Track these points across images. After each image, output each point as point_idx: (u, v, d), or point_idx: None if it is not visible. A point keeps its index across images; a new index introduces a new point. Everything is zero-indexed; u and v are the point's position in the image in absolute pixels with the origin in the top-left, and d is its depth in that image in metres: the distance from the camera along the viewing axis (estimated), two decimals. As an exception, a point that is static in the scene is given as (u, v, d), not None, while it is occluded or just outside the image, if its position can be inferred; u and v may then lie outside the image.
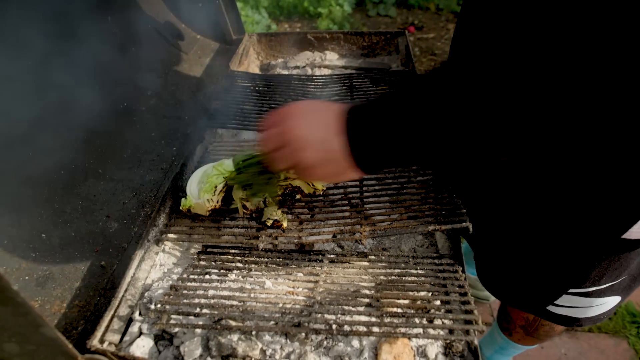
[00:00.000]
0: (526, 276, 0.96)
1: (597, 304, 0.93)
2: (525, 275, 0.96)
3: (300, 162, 0.69)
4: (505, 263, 1.01)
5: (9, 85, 1.07)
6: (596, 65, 0.47)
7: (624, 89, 0.47)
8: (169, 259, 0.98)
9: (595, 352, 1.95)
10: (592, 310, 0.94)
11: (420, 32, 4.28)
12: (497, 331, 1.48)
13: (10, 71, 1.08)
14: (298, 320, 0.74)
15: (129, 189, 1.14)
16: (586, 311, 0.94)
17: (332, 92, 1.48)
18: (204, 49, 1.78)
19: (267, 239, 0.95)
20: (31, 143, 1.07)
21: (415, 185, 1.07)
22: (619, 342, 1.98)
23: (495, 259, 1.04)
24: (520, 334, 1.33)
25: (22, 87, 1.10)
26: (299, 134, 0.68)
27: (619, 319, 2.04)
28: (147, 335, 0.79)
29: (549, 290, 0.94)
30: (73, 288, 0.90)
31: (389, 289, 0.84)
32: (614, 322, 2.03)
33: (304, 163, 0.69)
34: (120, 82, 1.39)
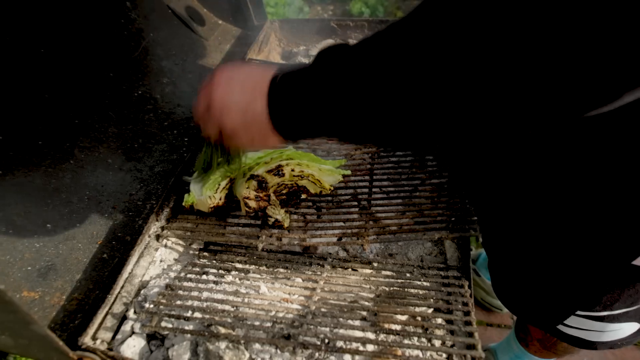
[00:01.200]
0: (537, 292, 0.91)
1: (612, 329, 0.87)
2: (536, 291, 0.91)
3: (223, 126, 0.67)
4: (518, 276, 0.95)
5: (18, 76, 1.07)
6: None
7: None
8: (171, 255, 0.97)
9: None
10: (607, 335, 0.88)
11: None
12: (513, 339, 1.42)
13: (19, 58, 1.08)
14: (288, 332, 0.72)
15: (137, 180, 1.13)
16: (600, 335, 0.88)
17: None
18: (224, 35, 1.75)
19: (268, 239, 0.92)
20: (41, 132, 1.07)
21: (427, 189, 1.02)
22: (648, 354, 1.88)
23: (509, 271, 0.99)
24: (537, 346, 1.27)
25: (31, 76, 1.10)
26: (221, 97, 0.65)
27: (650, 330, 1.93)
28: (139, 334, 0.79)
29: (558, 309, 0.88)
30: (74, 280, 0.91)
31: (389, 301, 0.80)
32: (644, 333, 1.92)
33: (227, 127, 0.67)
34: (136, 69, 1.38)
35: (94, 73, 1.25)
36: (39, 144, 1.05)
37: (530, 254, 0.86)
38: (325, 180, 1.02)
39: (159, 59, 1.47)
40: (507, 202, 0.87)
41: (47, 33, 1.16)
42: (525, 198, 0.80)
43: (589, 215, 0.70)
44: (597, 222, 0.69)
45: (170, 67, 1.47)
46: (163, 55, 1.49)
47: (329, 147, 1.18)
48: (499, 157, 0.83)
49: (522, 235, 0.87)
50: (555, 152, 0.69)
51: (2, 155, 0.98)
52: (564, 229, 0.75)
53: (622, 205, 0.64)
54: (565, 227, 0.75)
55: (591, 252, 0.74)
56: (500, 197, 0.89)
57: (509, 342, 1.50)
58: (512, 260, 0.94)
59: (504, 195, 0.87)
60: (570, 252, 0.77)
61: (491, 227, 0.96)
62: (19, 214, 0.95)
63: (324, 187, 1.02)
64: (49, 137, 1.08)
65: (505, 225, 0.92)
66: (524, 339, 1.33)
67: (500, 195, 0.88)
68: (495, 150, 0.83)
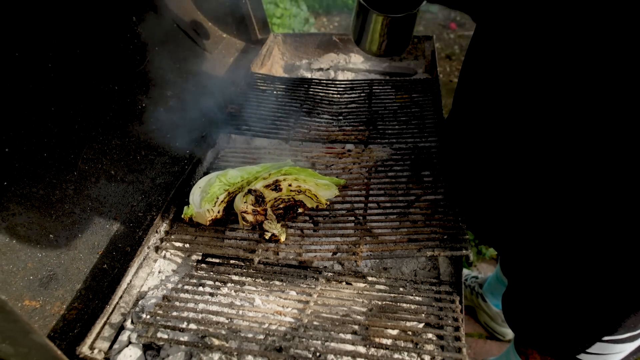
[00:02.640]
0: (560, 321, 0.92)
1: (628, 348, 0.88)
2: (559, 320, 0.92)
3: None
4: (537, 305, 0.96)
5: (25, 88, 1.10)
6: None
7: None
8: (169, 266, 0.99)
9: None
10: (622, 354, 0.90)
11: (462, 29, 4.15)
12: (513, 353, 1.43)
13: (26, 71, 1.11)
14: (280, 345, 0.74)
15: (138, 192, 1.16)
16: (616, 357, 0.90)
17: (350, 98, 1.45)
18: (228, 48, 1.79)
19: (264, 253, 0.94)
20: (46, 144, 1.10)
21: (423, 205, 1.03)
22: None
23: (528, 300, 1.00)
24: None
25: (37, 88, 1.13)
26: None
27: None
28: (136, 345, 0.81)
29: (582, 338, 0.89)
30: (74, 290, 0.93)
31: (380, 316, 0.81)
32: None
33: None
34: (141, 82, 1.41)
35: (99, 86, 1.28)
36: (43, 155, 1.08)
37: (553, 282, 0.88)
38: (322, 194, 1.04)
39: (164, 72, 1.50)
40: (527, 227, 0.89)
41: (54, 47, 1.20)
42: (546, 223, 0.82)
43: (615, 238, 0.72)
44: (624, 243, 0.71)
45: (174, 80, 1.51)
46: (167, 69, 1.52)
47: (327, 160, 1.21)
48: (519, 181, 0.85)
49: (544, 264, 0.88)
50: (581, 173, 0.71)
51: (8, 166, 1.01)
52: (590, 254, 0.77)
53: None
54: (591, 252, 0.77)
55: (618, 275, 0.75)
56: (519, 221, 0.91)
57: (508, 355, 1.50)
58: (532, 289, 0.95)
59: (523, 220, 0.89)
60: (595, 277, 0.79)
61: (511, 255, 0.98)
62: (23, 224, 0.97)
63: (320, 201, 1.04)
64: (54, 149, 1.11)
65: (526, 252, 0.93)
66: (524, 353, 1.33)
67: (519, 220, 0.90)
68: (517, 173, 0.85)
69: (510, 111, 0.80)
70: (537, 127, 0.75)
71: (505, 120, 0.82)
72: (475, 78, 0.91)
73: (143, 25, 1.49)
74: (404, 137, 1.26)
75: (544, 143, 0.75)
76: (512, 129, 0.82)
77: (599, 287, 0.80)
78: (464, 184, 1.04)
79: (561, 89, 0.65)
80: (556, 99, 0.68)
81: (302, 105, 1.41)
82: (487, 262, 2.27)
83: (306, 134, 1.29)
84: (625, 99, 0.58)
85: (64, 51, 1.21)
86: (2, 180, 0.98)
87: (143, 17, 1.50)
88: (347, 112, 1.39)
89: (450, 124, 1.18)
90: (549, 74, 0.66)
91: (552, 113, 0.70)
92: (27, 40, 1.12)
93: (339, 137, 1.27)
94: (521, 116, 0.77)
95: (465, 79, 0.97)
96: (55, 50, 1.18)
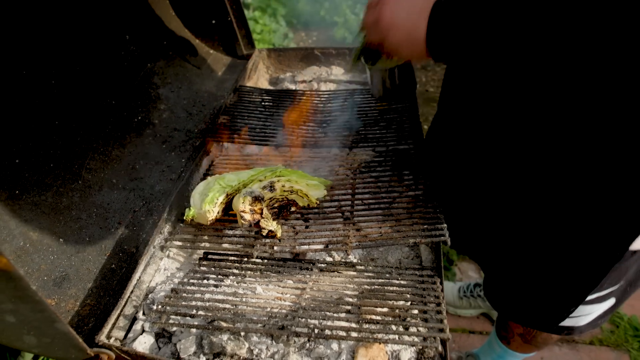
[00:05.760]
0: (541, 293, 1.02)
1: (597, 310, 0.99)
2: (539, 293, 1.02)
3: (386, 37, 0.81)
4: (518, 282, 1.07)
5: (31, 105, 1.18)
6: None
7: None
8: (173, 264, 1.07)
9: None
10: (591, 316, 1.01)
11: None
12: (495, 340, 1.53)
13: (32, 89, 1.19)
14: (282, 324, 0.82)
15: (139, 198, 1.24)
16: (586, 318, 1.01)
17: (334, 107, 1.56)
18: (216, 64, 1.88)
19: (262, 248, 1.03)
20: (52, 155, 1.18)
21: (404, 200, 1.14)
22: (620, 355, 1.99)
23: (508, 279, 1.10)
24: (518, 342, 1.38)
25: (43, 105, 1.21)
26: (389, 14, 0.79)
27: (621, 332, 2.05)
28: (149, 332, 0.88)
29: (566, 305, 1.00)
30: (86, 288, 1.00)
31: (370, 297, 0.91)
32: (615, 336, 2.04)
33: (388, 39, 0.81)
34: (136, 96, 1.50)
35: (97, 101, 1.36)
36: (50, 166, 1.15)
37: (532, 257, 0.99)
38: (312, 194, 1.13)
39: (156, 87, 1.59)
40: (506, 207, 1.00)
41: (57, 65, 1.27)
42: (527, 199, 0.93)
43: (593, 206, 0.82)
44: (600, 212, 0.82)
45: (167, 94, 1.59)
46: (160, 84, 1.61)
47: (314, 164, 1.31)
48: (498, 158, 0.97)
49: (525, 236, 0.99)
50: (561, 148, 0.81)
51: (19, 176, 1.08)
52: (568, 225, 0.88)
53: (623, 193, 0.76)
54: (569, 223, 0.87)
55: (593, 241, 0.86)
56: (496, 203, 1.01)
57: (490, 343, 1.61)
58: (513, 267, 1.06)
59: (501, 200, 1.00)
60: (572, 245, 0.89)
61: (484, 237, 1.08)
62: (35, 230, 1.04)
63: (311, 200, 1.13)
64: (59, 159, 1.18)
65: (503, 232, 1.04)
66: (505, 337, 1.44)
67: (497, 201, 1.01)
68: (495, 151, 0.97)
69: (493, 113, 0.91)
70: (517, 133, 0.87)
71: (487, 121, 0.94)
72: (460, 82, 1.03)
73: (136, 43, 1.58)
74: (385, 140, 1.37)
75: (521, 146, 0.87)
76: (493, 130, 0.93)
77: (573, 254, 0.91)
78: (444, 188, 1.15)
79: (549, 92, 0.76)
80: (540, 103, 0.79)
81: (288, 115, 1.51)
82: (467, 261, 2.39)
83: (294, 140, 1.39)
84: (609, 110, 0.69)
85: (66, 68, 1.29)
86: (15, 189, 1.04)
87: (135, 35, 1.59)
88: (331, 119, 1.50)
89: (435, 128, 1.31)
90: (535, 76, 0.76)
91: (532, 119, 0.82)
92: (32, 59, 1.20)
93: (325, 142, 1.38)
94: (502, 118, 0.89)
95: (449, 82, 1.09)
96: (57, 68, 1.26)
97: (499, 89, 0.86)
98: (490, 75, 0.87)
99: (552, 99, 0.75)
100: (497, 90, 0.87)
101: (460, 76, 1.03)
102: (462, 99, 1.05)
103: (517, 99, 0.83)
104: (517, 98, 0.83)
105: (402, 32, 0.77)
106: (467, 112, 1.03)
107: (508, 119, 0.88)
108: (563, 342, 2.02)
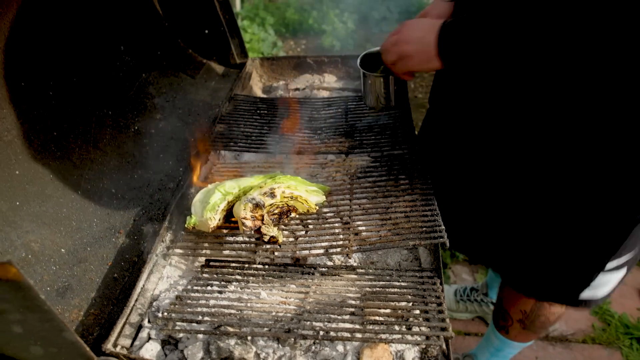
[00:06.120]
0: (563, 264, 1.09)
1: (613, 280, 1.06)
2: (561, 264, 1.09)
3: (402, 52, 1.02)
4: (538, 258, 1.13)
5: (33, 116, 1.18)
6: None
7: None
8: (175, 272, 1.07)
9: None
10: (608, 287, 1.07)
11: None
12: (493, 332, 1.55)
13: (32, 101, 1.19)
14: (288, 327, 0.84)
15: (139, 207, 1.24)
16: (604, 289, 1.08)
17: (329, 114, 1.58)
18: (209, 73, 1.90)
19: (264, 254, 1.04)
20: (50, 166, 1.18)
21: (401, 204, 1.16)
22: (613, 353, 2.03)
23: (526, 257, 1.16)
24: (517, 329, 1.42)
25: (43, 115, 1.21)
26: (405, 34, 1.02)
27: (612, 330, 2.09)
28: (155, 340, 0.89)
29: (588, 272, 1.07)
30: (89, 298, 1.00)
31: (373, 299, 0.93)
32: (607, 334, 2.08)
33: (405, 52, 1.02)
34: (132, 106, 1.51)
35: (94, 111, 1.37)
36: (50, 177, 1.16)
37: (551, 230, 1.06)
38: (312, 200, 1.15)
39: (152, 96, 1.60)
40: (518, 185, 1.08)
41: (54, 76, 1.28)
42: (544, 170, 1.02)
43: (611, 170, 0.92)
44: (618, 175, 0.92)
45: (162, 104, 1.60)
46: (155, 94, 1.62)
47: (312, 170, 1.33)
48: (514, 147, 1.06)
49: (542, 216, 1.07)
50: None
51: (19, 187, 1.08)
52: (587, 192, 0.97)
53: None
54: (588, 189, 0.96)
55: (612, 206, 0.95)
56: (505, 185, 1.10)
57: (487, 339, 1.63)
58: (529, 246, 1.12)
59: (512, 180, 1.08)
60: (592, 213, 0.98)
61: (492, 224, 1.14)
62: (36, 241, 1.04)
63: (310, 206, 1.15)
64: (57, 170, 1.19)
65: (515, 211, 1.11)
66: (504, 327, 1.47)
67: (506, 182, 1.09)
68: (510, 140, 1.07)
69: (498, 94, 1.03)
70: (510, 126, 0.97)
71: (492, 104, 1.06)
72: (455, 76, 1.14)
73: (130, 53, 1.59)
74: (380, 146, 1.40)
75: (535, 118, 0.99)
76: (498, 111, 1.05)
77: (593, 222, 0.99)
78: (442, 185, 1.20)
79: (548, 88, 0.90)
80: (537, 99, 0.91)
81: (284, 122, 1.53)
82: (460, 264, 2.42)
83: (291, 147, 1.41)
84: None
85: (63, 78, 1.29)
86: (15, 200, 1.05)
87: (130, 46, 1.60)
88: (326, 126, 1.52)
89: (428, 123, 1.36)
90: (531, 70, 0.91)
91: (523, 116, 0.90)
92: (31, 71, 1.20)
93: (321, 149, 1.40)
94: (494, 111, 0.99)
95: (442, 78, 1.15)
96: (55, 79, 1.27)
97: (500, 74, 1.00)
98: (490, 68, 1.00)
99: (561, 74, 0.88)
100: (500, 76, 1.01)
101: (455, 71, 1.14)
102: (458, 88, 1.15)
103: (529, 76, 0.95)
104: (529, 75, 0.95)
105: (416, 43, 0.99)
106: (467, 97, 1.13)
107: (517, 96, 0.99)
108: (557, 341, 2.06)
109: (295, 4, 5.13)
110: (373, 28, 4.64)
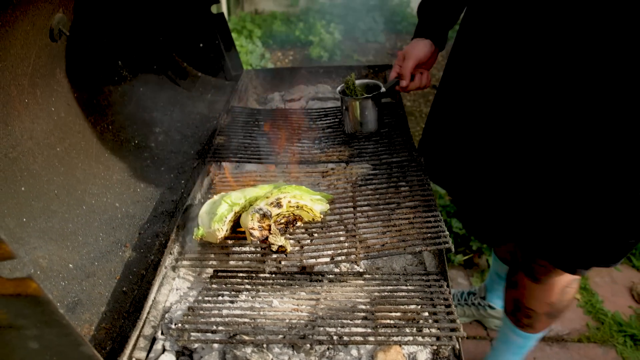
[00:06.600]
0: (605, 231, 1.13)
1: None
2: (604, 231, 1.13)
3: (407, 56, 1.37)
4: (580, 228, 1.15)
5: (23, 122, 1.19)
6: None
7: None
8: (184, 284, 1.08)
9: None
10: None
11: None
12: (513, 332, 1.55)
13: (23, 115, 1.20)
14: (303, 333, 0.85)
15: (144, 221, 1.25)
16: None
17: (326, 124, 1.61)
18: (205, 86, 1.92)
19: (273, 263, 1.06)
20: (54, 181, 1.18)
21: (404, 210, 1.19)
22: (607, 350, 2.08)
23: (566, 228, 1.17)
24: (543, 321, 1.46)
25: (40, 127, 1.22)
26: (408, 50, 1.37)
27: (606, 329, 2.14)
28: (170, 351, 0.89)
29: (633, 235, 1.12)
30: (100, 312, 1.00)
31: (383, 303, 0.95)
32: (601, 332, 2.12)
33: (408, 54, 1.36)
34: (131, 121, 1.51)
35: (95, 125, 1.38)
36: (55, 193, 1.16)
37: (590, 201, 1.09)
38: (316, 208, 1.17)
39: (150, 110, 1.61)
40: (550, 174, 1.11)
41: (54, 92, 1.29)
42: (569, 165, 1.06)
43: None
44: None
45: (161, 117, 1.62)
46: (153, 107, 1.63)
47: (313, 179, 1.35)
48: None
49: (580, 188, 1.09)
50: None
51: (25, 204, 1.08)
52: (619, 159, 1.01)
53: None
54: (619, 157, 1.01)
55: None
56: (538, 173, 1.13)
57: (505, 340, 1.63)
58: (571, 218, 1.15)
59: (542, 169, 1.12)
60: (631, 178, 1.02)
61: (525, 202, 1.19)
62: (44, 257, 1.04)
63: (315, 215, 1.17)
64: (62, 186, 1.19)
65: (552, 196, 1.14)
66: (529, 324, 1.48)
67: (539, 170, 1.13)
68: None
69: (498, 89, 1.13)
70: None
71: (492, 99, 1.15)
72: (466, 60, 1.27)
73: (128, 68, 1.61)
74: (378, 154, 1.43)
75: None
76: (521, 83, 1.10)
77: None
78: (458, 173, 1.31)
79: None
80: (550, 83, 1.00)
81: (283, 133, 1.55)
82: (456, 269, 2.46)
83: (291, 157, 1.43)
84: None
85: (63, 93, 1.30)
86: (22, 216, 1.05)
87: (127, 60, 1.61)
88: (324, 136, 1.55)
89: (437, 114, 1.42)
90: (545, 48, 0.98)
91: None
92: (34, 88, 1.21)
93: (321, 158, 1.42)
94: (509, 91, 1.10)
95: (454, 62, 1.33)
96: (55, 94, 1.27)
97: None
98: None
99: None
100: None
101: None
102: (474, 72, 1.24)
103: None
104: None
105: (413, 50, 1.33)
106: (485, 80, 1.20)
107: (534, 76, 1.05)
108: (553, 341, 2.10)
109: (282, 16, 5.19)
110: (359, 38, 4.71)
